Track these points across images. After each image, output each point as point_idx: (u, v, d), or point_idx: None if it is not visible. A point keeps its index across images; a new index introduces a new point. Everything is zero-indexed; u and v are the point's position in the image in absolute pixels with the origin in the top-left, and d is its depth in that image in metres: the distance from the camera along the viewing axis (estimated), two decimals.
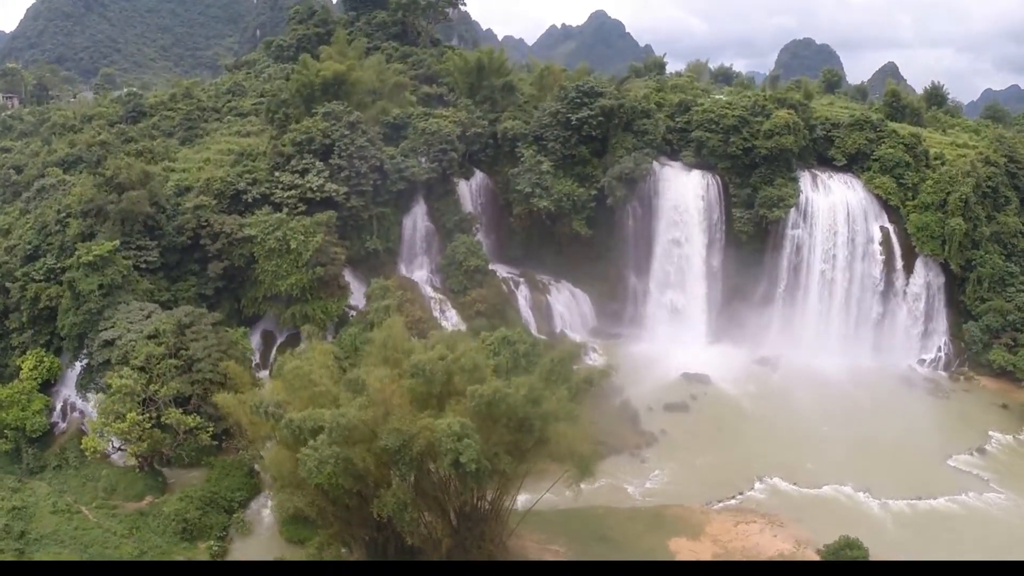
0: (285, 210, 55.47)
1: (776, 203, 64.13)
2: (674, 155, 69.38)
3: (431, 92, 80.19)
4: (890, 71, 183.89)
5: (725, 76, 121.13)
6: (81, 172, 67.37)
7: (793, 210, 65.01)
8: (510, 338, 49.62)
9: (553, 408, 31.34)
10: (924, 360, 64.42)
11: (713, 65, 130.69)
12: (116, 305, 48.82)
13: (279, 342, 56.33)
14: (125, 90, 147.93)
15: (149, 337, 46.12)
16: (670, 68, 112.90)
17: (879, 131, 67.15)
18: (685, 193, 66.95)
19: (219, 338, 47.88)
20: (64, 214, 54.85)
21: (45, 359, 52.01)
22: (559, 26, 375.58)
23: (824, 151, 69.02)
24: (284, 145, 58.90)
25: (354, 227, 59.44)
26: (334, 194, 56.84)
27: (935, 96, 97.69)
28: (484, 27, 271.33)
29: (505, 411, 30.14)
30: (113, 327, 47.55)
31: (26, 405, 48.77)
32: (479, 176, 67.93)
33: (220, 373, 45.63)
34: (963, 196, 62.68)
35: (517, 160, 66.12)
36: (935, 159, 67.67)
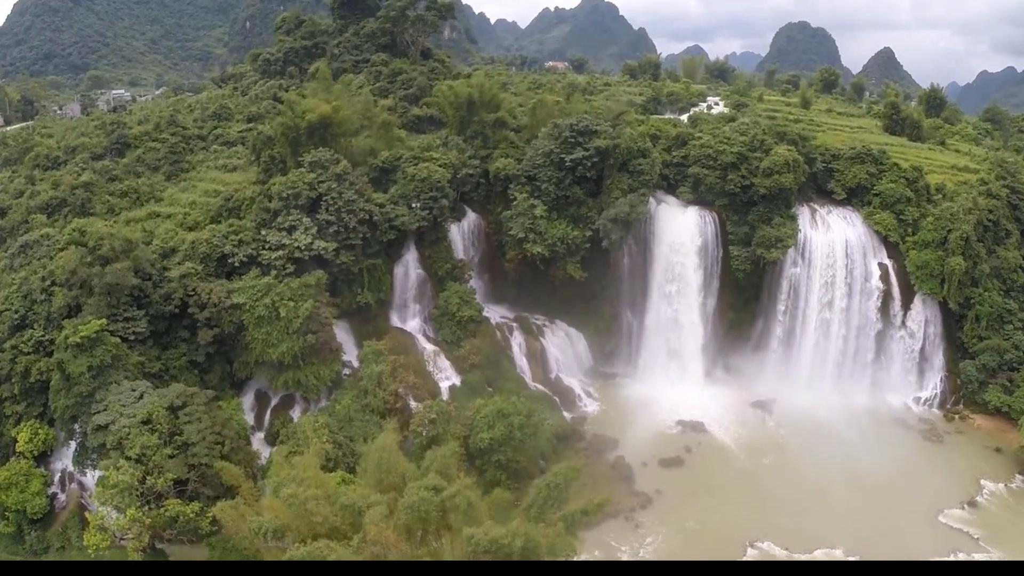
0: (273, 272, 54.41)
1: (774, 243, 63.14)
2: (671, 189, 67.93)
3: (421, 114, 78.16)
4: (886, 56, 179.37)
5: (721, 71, 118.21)
6: (66, 216, 66.07)
7: (791, 248, 64.10)
8: (504, 411, 49.80)
9: (551, 543, 31.39)
10: (920, 398, 64.46)
11: (707, 48, 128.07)
12: (107, 386, 48.33)
13: (273, 404, 56.08)
14: (113, 94, 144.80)
15: (143, 423, 45.83)
16: (665, 51, 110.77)
17: (880, 164, 65.73)
18: (681, 231, 65.78)
19: (213, 418, 47.66)
20: (49, 282, 53.87)
21: (40, 431, 51.93)
22: (552, 9, 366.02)
23: (824, 183, 67.63)
24: (270, 200, 57.48)
25: (344, 281, 58.53)
26: (323, 252, 55.70)
27: (934, 99, 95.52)
28: (477, 11, 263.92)
29: (503, 556, 30.15)
30: (106, 410, 47.17)
31: (25, 486, 48.91)
32: (471, 216, 66.58)
33: (216, 455, 45.78)
34: (964, 235, 61.69)
35: (509, 200, 64.76)
36: (936, 191, 66.45)
